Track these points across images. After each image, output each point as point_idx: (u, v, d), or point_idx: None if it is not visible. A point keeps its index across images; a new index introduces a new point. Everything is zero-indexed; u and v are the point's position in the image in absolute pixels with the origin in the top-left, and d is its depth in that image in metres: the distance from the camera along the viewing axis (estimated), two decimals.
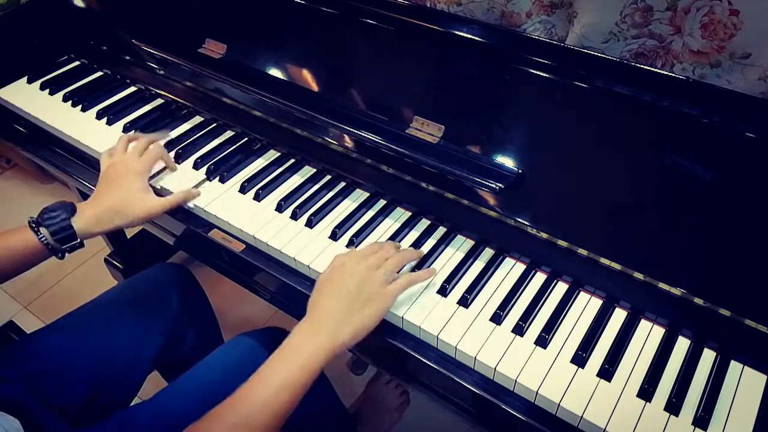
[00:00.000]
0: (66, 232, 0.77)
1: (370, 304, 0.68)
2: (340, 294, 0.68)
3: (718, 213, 0.69)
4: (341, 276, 0.70)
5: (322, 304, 0.68)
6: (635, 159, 0.73)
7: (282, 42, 0.97)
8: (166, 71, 1.06)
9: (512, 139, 0.79)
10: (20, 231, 0.77)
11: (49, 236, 0.77)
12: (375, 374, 1.35)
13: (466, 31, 0.81)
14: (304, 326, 0.67)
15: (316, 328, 0.66)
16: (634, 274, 0.71)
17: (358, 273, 0.70)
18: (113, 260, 1.58)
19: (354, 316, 0.67)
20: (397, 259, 0.73)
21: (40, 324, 0.97)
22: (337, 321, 0.66)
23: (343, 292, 0.68)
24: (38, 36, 1.18)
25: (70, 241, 0.78)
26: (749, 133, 0.66)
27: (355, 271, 0.70)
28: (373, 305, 0.68)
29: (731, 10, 0.71)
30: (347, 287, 0.68)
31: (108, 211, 0.81)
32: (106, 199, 0.82)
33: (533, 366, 0.67)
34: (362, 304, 0.68)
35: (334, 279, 0.70)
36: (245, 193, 0.89)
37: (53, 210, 0.78)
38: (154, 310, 0.95)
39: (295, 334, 0.66)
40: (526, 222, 0.76)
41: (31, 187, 2.00)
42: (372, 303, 0.68)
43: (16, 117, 1.10)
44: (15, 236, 0.76)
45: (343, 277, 0.70)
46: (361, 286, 0.69)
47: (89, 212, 0.80)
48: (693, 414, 0.63)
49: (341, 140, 0.88)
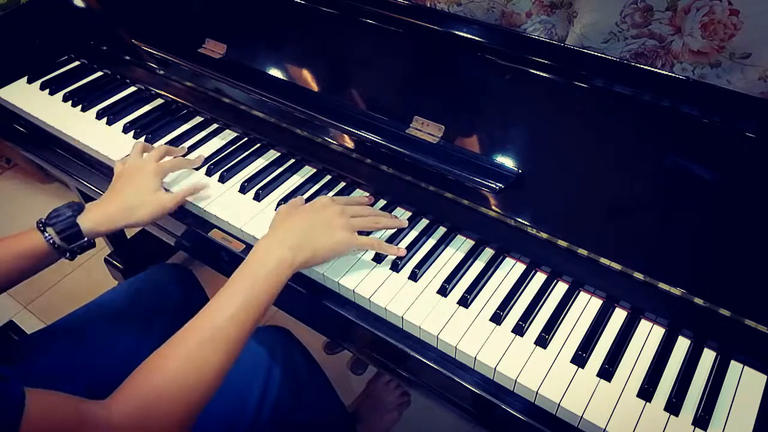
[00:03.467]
0: (72, 230, 0.76)
1: (331, 234, 0.73)
2: (307, 217, 0.74)
3: (717, 213, 0.69)
4: (314, 205, 0.76)
5: (287, 221, 0.74)
6: (635, 159, 0.73)
7: (282, 42, 0.97)
8: (166, 71, 1.06)
9: (512, 139, 0.79)
10: (28, 233, 0.76)
11: (55, 235, 0.76)
12: (375, 374, 1.35)
13: (466, 31, 0.81)
14: (265, 241, 0.71)
15: (276, 241, 0.70)
16: (634, 274, 0.71)
17: (330, 208, 0.75)
18: (113, 260, 1.58)
19: (315, 239, 0.72)
20: (368, 222, 0.78)
21: (40, 324, 0.97)
22: (298, 238, 0.71)
23: (310, 217, 0.74)
24: (38, 36, 1.18)
25: (77, 240, 0.78)
26: (749, 133, 0.66)
27: (328, 205, 0.76)
28: (334, 236, 0.73)
29: (731, 10, 0.71)
30: (316, 214, 0.74)
31: (121, 210, 0.80)
32: (118, 198, 0.82)
33: (533, 366, 0.67)
34: (324, 230, 0.73)
35: (306, 207, 0.76)
36: (245, 193, 0.89)
37: (60, 210, 0.78)
38: (154, 310, 0.95)
39: (256, 251, 0.69)
40: (526, 222, 0.76)
41: (31, 187, 2.00)
42: (334, 234, 0.73)
43: (16, 117, 1.10)
44: (23, 238, 0.76)
45: (316, 207, 0.76)
46: (329, 218, 0.74)
47: (99, 211, 0.80)
48: (693, 414, 0.63)
49: (341, 140, 0.88)
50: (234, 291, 0.65)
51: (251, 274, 0.67)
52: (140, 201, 0.81)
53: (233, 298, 0.64)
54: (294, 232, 0.72)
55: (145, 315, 0.93)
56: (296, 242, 0.70)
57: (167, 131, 1.01)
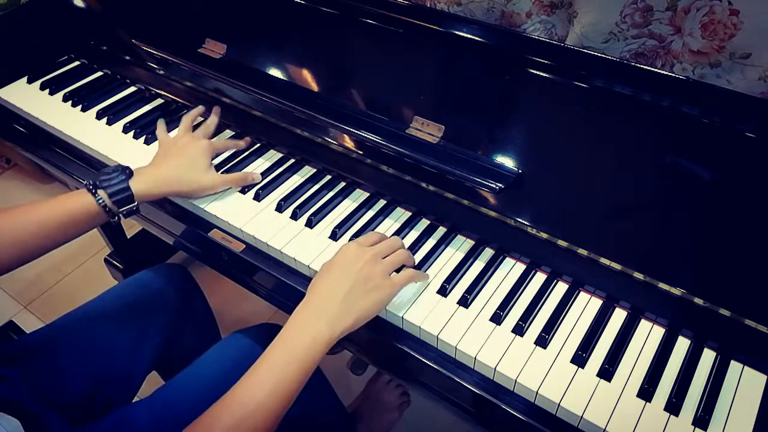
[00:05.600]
0: (125, 193, 0.78)
1: (373, 293, 0.68)
2: (343, 278, 0.67)
3: (717, 213, 0.68)
4: (345, 260, 0.69)
5: (323, 288, 0.67)
6: (635, 159, 0.73)
7: (282, 42, 0.97)
8: (166, 71, 1.06)
9: (512, 139, 0.79)
10: (78, 194, 0.77)
11: (107, 198, 0.77)
12: (375, 374, 1.35)
13: (466, 31, 0.81)
14: (302, 314, 0.66)
15: (314, 315, 0.65)
16: (634, 274, 0.71)
17: (363, 259, 0.69)
18: (113, 260, 1.58)
19: (356, 304, 0.66)
20: (401, 257, 0.73)
21: (40, 324, 0.97)
22: (338, 307, 0.65)
23: (346, 277, 0.67)
24: (38, 36, 1.18)
25: (128, 204, 0.78)
26: (749, 133, 0.66)
27: (361, 257, 0.69)
28: (376, 294, 0.68)
29: (731, 10, 0.71)
30: (350, 273, 0.68)
31: (172, 176, 0.82)
32: (170, 165, 0.84)
33: (533, 366, 0.67)
34: (365, 292, 0.67)
35: (337, 262, 0.70)
36: (245, 193, 0.89)
37: (109, 173, 0.79)
38: (151, 310, 0.95)
39: (292, 324, 0.65)
40: (526, 222, 0.76)
41: (31, 187, 2.00)
42: (375, 292, 0.68)
43: (16, 117, 1.10)
44: (73, 199, 0.76)
45: (348, 262, 0.69)
46: (365, 273, 0.68)
47: (149, 176, 0.81)
48: (693, 414, 0.63)
49: (341, 140, 0.88)
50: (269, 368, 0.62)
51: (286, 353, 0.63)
52: (192, 174, 0.84)
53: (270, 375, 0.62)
54: (332, 301, 0.66)
55: (142, 314, 0.93)
56: (334, 314, 0.65)
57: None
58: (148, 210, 0.94)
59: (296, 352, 0.63)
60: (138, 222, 1.02)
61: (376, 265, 0.69)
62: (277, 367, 0.62)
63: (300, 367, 0.62)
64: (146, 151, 0.98)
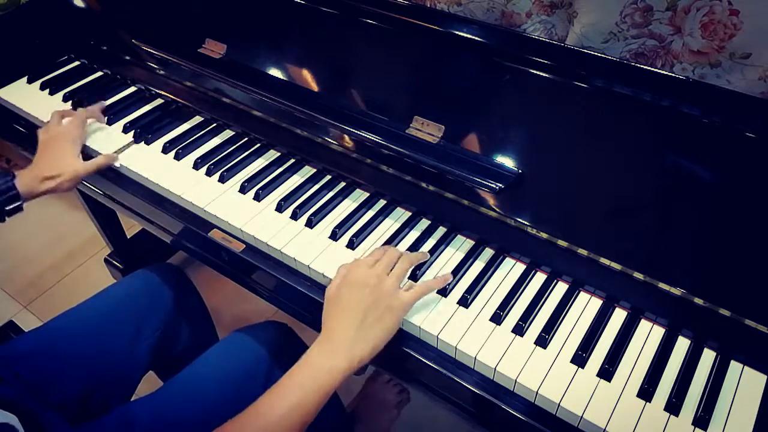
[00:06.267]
0: (11, 192, 0.86)
1: (385, 317, 0.66)
2: (353, 309, 0.66)
3: (717, 213, 0.68)
4: (351, 289, 0.67)
5: (335, 323, 0.66)
6: (635, 159, 0.73)
7: (282, 42, 0.97)
8: (166, 71, 1.06)
9: (512, 139, 0.79)
10: None
11: None
12: (373, 373, 1.34)
13: (466, 31, 0.81)
14: (323, 345, 0.65)
15: (332, 348, 0.65)
16: (634, 274, 0.71)
17: (369, 284, 0.67)
18: (113, 260, 1.58)
19: (370, 332, 0.65)
20: (405, 263, 0.72)
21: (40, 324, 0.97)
22: (353, 340, 0.64)
23: (355, 308, 0.66)
24: (38, 36, 1.18)
25: (14, 202, 0.87)
26: (749, 133, 0.66)
27: (366, 281, 0.67)
28: (389, 318, 0.67)
29: (731, 10, 0.71)
30: (359, 301, 0.66)
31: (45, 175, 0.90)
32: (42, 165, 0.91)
33: (533, 366, 0.67)
34: (377, 318, 0.66)
35: (343, 294, 0.67)
36: (245, 193, 0.89)
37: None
38: (147, 309, 0.95)
39: (316, 352, 0.65)
40: (526, 222, 0.76)
41: None
42: (388, 315, 0.67)
43: (16, 117, 1.10)
44: None
45: (353, 290, 0.67)
46: (374, 297, 0.66)
47: (29, 176, 0.89)
48: (693, 414, 0.63)
49: (341, 140, 0.88)
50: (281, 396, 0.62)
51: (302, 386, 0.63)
52: (60, 168, 0.91)
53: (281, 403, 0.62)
54: (346, 333, 0.65)
55: (137, 314, 0.93)
56: (350, 345, 0.64)
57: (167, 131, 1.01)
58: (148, 210, 0.94)
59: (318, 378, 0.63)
60: (138, 222, 1.02)
61: (382, 284, 0.68)
62: (300, 388, 0.62)
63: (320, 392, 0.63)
64: (146, 150, 0.98)
